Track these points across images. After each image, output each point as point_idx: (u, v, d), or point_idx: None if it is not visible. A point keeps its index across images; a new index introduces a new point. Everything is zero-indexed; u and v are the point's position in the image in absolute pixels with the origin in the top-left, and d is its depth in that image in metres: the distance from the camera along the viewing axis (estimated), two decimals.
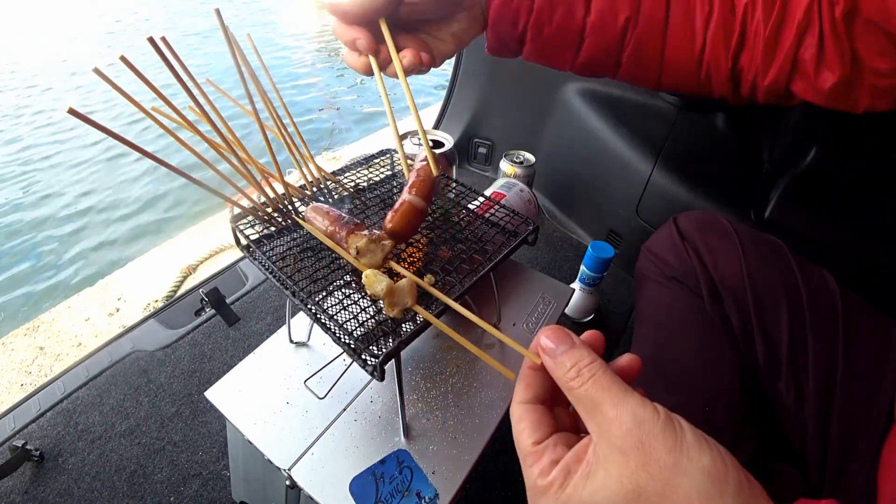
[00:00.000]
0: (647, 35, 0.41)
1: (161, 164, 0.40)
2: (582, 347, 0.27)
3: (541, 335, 0.28)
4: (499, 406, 0.54)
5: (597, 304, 1.04)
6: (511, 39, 0.43)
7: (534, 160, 1.15)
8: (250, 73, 0.45)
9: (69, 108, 0.30)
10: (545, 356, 0.27)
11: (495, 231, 0.56)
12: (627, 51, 0.42)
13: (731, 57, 0.40)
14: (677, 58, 0.41)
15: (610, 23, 0.40)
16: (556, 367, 0.27)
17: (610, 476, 0.23)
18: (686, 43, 0.40)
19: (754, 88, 0.41)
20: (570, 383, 0.26)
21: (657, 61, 0.42)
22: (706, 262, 0.59)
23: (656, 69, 0.43)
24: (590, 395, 0.25)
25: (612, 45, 0.41)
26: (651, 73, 0.43)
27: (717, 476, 0.22)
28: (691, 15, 0.40)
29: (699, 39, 0.40)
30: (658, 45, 0.41)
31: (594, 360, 0.26)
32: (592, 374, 0.25)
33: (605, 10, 0.40)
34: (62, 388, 0.88)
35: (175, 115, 0.42)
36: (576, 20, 0.40)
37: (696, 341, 0.59)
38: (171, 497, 0.73)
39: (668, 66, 0.42)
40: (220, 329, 1.00)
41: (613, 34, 0.41)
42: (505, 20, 0.41)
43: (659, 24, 0.40)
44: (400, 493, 0.45)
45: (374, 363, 0.39)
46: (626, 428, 0.23)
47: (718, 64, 0.40)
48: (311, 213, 0.48)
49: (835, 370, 0.50)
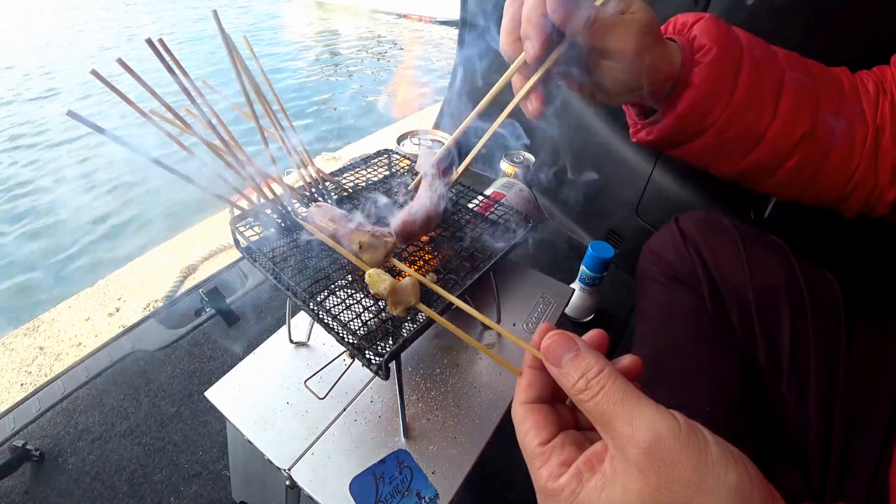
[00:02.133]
0: (816, 149, 0.40)
1: (162, 166, 0.40)
2: (588, 354, 0.25)
3: (543, 338, 0.27)
4: (499, 406, 0.54)
5: (597, 304, 1.04)
6: (692, 129, 0.40)
7: (534, 160, 1.15)
8: (247, 76, 0.45)
9: (68, 110, 0.30)
10: (549, 365, 0.26)
11: (495, 230, 0.56)
12: (791, 162, 0.41)
13: (875, 174, 0.41)
14: (833, 173, 0.41)
15: (790, 132, 0.39)
16: (563, 377, 0.25)
17: (629, 492, 0.22)
18: (845, 161, 0.41)
19: (876, 203, 0.42)
20: (579, 396, 0.24)
21: (812, 175, 0.41)
22: (707, 262, 0.58)
23: (807, 182, 0.42)
24: (601, 409, 0.23)
25: (781, 154, 0.41)
26: (801, 185, 0.43)
27: (743, 494, 0.21)
28: (853, 132, 0.40)
29: (857, 158, 0.40)
30: (821, 159, 0.41)
31: (602, 368, 0.24)
32: (602, 386, 0.24)
33: (789, 121, 0.39)
34: (62, 388, 0.88)
35: (174, 118, 0.42)
36: (761, 124, 0.39)
37: (697, 341, 0.59)
38: (171, 497, 0.73)
39: (820, 179, 0.42)
40: (220, 329, 1.00)
41: (786, 146, 0.40)
42: (701, 108, 0.38)
43: (828, 139, 0.40)
44: (400, 493, 0.45)
45: (378, 362, 0.39)
46: (644, 446, 0.22)
47: (867, 181, 0.41)
48: (311, 213, 0.48)
49: (837, 370, 0.50)
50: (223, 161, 0.45)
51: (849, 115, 0.40)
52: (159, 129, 0.40)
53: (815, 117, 0.39)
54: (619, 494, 0.22)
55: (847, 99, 0.41)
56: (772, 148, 0.40)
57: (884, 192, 0.41)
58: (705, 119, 0.39)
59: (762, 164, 0.42)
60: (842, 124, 0.40)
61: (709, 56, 0.37)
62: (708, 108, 0.38)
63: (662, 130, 0.41)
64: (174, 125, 0.42)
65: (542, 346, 0.27)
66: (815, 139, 0.40)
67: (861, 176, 0.41)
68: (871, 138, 0.40)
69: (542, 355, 0.27)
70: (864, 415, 0.48)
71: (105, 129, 0.33)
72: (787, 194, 0.44)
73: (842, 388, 0.49)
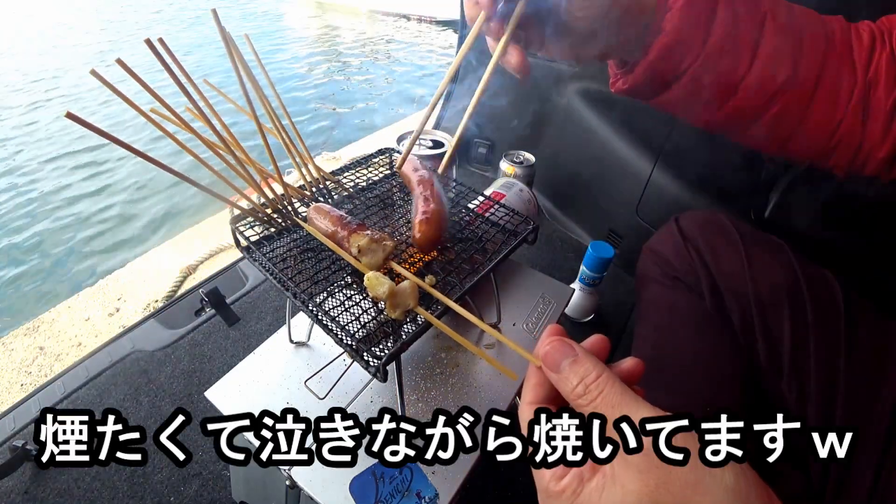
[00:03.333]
0: (797, 99, 0.38)
1: (163, 168, 0.40)
2: (586, 359, 0.26)
3: (542, 345, 0.27)
4: (499, 405, 0.54)
5: (597, 304, 1.04)
6: (665, 78, 0.38)
7: (534, 160, 1.15)
8: (248, 74, 0.45)
9: (67, 112, 0.30)
10: (548, 371, 0.27)
11: (495, 231, 0.56)
12: (770, 112, 0.39)
13: (862, 130, 0.38)
14: (815, 127, 0.39)
15: (768, 81, 0.38)
16: (562, 383, 0.26)
17: (628, 493, 0.22)
18: (828, 114, 0.39)
19: (867, 161, 0.40)
20: (578, 401, 0.25)
21: (794, 128, 0.40)
22: (708, 261, 0.58)
23: (788, 135, 0.40)
24: (599, 412, 0.24)
25: (759, 104, 0.39)
26: (781, 138, 0.41)
27: (740, 494, 0.21)
28: (838, 84, 0.38)
29: (840, 112, 0.38)
30: (802, 111, 0.39)
31: (600, 373, 0.25)
32: (600, 391, 0.24)
33: (767, 67, 0.37)
34: (62, 388, 0.88)
35: (172, 117, 0.42)
36: (737, 72, 0.37)
37: (697, 341, 0.58)
38: (171, 497, 0.73)
39: (803, 132, 0.40)
40: (220, 329, 1.00)
41: (766, 93, 0.38)
42: (670, 58, 0.37)
43: (809, 90, 0.38)
44: (400, 493, 0.45)
45: (376, 364, 0.39)
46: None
47: (852, 137, 0.39)
48: (311, 213, 0.48)
49: (837, 370, 0.50)
50: (223, 160, 0.45)
51: (835, 65, 0.38)
52: (159, 128, 0.40)
53: (796, 66, 0.37)
54: (619, 495, 0.22)
55: (835, 48, 0.38)
56: (749, 97, 0.38)
57: (874, 149, 0.39)
58: (678, 66, 0.37)
59: (741, 113, 0.40)
60: (826, 75, 0.38)
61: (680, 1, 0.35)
62: (680, 55, 0.37)
63: (636, 78, 0.39)
64: (174, 124, 0.42)
65: (542, 353, 0.27)
66: (795, 89, 0.38)
67: (846, 130, 0.39)
68: (860, 91, 0.38)
69: (541, 363, 0.27)
70: (865, 415, 0.48)
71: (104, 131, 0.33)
72: (770, 147, 0.42)
73: (842, 388, 0.49)
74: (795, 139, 0.40)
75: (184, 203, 2.56)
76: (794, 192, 0.92)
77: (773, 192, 0.94)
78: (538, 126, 1.36)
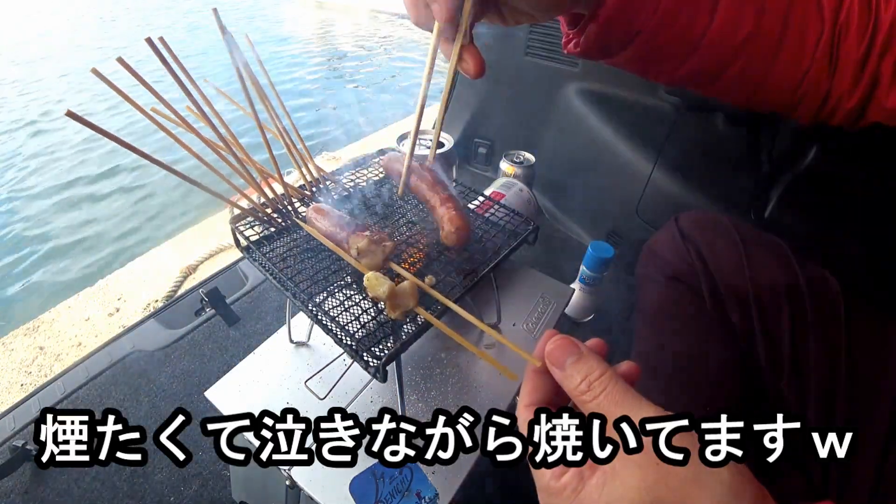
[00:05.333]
0: (761, 53, 0.36)
1: (163, 167, 0.40)
2: (590, 358, 0.26)
3: (546, 344, 0.28)
4: (498, 405, 0.54)
5: (597, 304, 1.04)
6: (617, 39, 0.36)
7: (534, 160, 1.15)
8: (248, 74, 0.45)
9: (67, 111, 0.30)
10: (553, 368, 0.27)
11: (495, 231, 0.56)
12: (734, 67, 0.37)
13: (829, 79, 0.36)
14: (781, 78, 0.37)
15: (729, 36, 0.35)
16: (566, 380, 0.26)
17: (628, 488, 0.23)
18: (794, 64, 0.36)
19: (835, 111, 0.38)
20: (582, 397, 0.25)
21: (759, 81, 0.38)
22: (707, 261, 0.58)
23: (754, 88, 0.38)
24: (602, 410, 0.25)
25: (722, 60, 0.37)
26: (747, 91, 0.39)
27: (736, 489, 0.21)
28: (804, 32, 0.36)
29: (807, 62, 0.36)
30: (767, 64, 0.37)
31: (604, 371, 0.25)
32: (604, 388, 0.25)
33: (728, 22, 0.35)
34: (62, 388, 0.88)
35: (173, 116, 0.42)
36: (696, 29, 0.35)
37: (696, 341, 0.58)
38: (171, 497, 0.73)
39: (768, 85, 0.38)
40: (220, 329, 1.00)
41: (728, 49, 0.36)
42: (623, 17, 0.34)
43: (774, 41, 0.36)
44: (400, 493, 0.45)
45: (376, 364, 0.39)
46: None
47: (818, 87, 0.37)
48: (311, 213, 0.48)
49: (837, 370, 0.50)
50: (223, 160, 0.45)
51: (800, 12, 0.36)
52: (160, 127, 0.40)
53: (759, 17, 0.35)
54: (619, 490, 0.23)
55: None
56: (710, 53, 0.36)
57: (843, 99, 0.37)
58: (632, 26, 0.35)
59: (702, 71, 0.38)
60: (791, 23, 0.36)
61: None
62: (632, 14, 0.34)
63: (588, 40, 0.37)
64: (175, 123, 0.42)
65: (546, 351, 0.27)
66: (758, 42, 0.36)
67: (812, 79, 0.36)
68: (827, 38, 0.35)
69: (546, 359, 0.28)
70: (865, 414, 0.48)
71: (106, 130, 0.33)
72: (734, 100, 0.41)
73: (842, 388, 0.49)
74: (760, 91, 0.39)
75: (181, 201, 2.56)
76: (794, 192, 0.92)
77: (773, 192, 0.94)
78: (538, 126, 1.36)
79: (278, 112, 0.50)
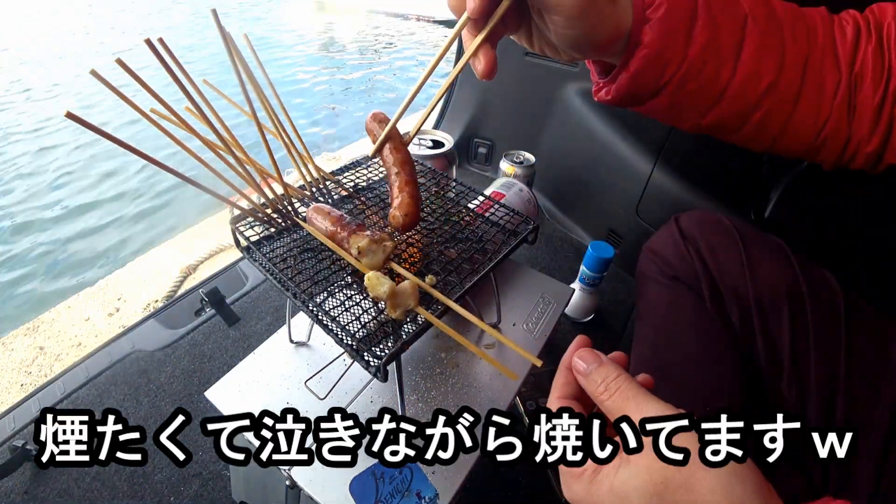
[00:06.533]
0: (782, 102, 0.38)
1: (163, 168, 0.40)
2: (608, 364, 0.30)
3: (574, 356, 0.32)
4: (499, 405, 0.54)
5: (597, 304, 1.04)
6: (648, 89, 0.38)
7: (534, 160, 1.15)
8: (248, 74, 0.45)
9: (66, 111, 0.30)
10: (579, 375, 0.31)
11: (495, 230, 0.56)
12: (756, 116, 0.39)
13: (848, 126, 0.38)
14: (801, 125, 0.39)
15: (752, 87, 0.37)
16: (588, 384, 0.30)
17: (639, 468, 0.26)
18: (814, 112, 0.38)
19: (855, 155, 0.40)
20: (600, 396, 0.29)
21: (781, 128, 0.39)
22: (707, 261, 0.58)
23: (776, 135, 0.40)
24: (616, 404, 0.28)
25: (745, 109, 0.39)
26: (769, 138, 0.41)
27: (739, 472, 0.24)
28: (823, 82, 0.38)
29: (826, 110, 0.38)
30: (788, 112, 0.39)
31: (619, 374, 0.29)
32: (618, 387, 0.28)
33: (751, 73, 0.37)
34: (62, 388, 0.88)
35: (172, 117, 0.42)
36: (721, 79, 0.37)
37: (696, 341, 0.58)
38: (171, 497, 0.73)
39: (789, 132, 0.40)
40: (220, 329, 1.00)
41: (751, 99, 0.38)
42: (654, 67, 0.36)
43: (794, 91, 0.38)
44: (400, 493, 0.45)
45: (376, 364, 0.39)
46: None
47: (839, 133, 0.39)
48: (311, 213, 0.48)
49: (837, 370, 0.50)
50: (223, 160, 0.45)
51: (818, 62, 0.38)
52: (159, 128, 0.40)
53: (780, 68, 0.37)
54: (632, 470, 0.26)
55: (818, 44, 0.38)
56: (734, 103, 0.38)
57: (862, 143, 0.39)
58: (660, 77, 0.37)
59: (726, 119, 0.40)
60: (810, 74, 0.37)
61: (659, 12, 0.35)
62: (661, 66, 0.36)
63: (619, 90, 0.39)
64: (174, 124, 0.42)
65: (573, 360, 0.32)
66: (780, 92, 0.38)
67: (832, 127, 0.38)
68: (845, 87, 0.38)
69: (572, 367, 0.32)
70: (865, 415, 0.48)
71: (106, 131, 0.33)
72: (757, 147, 0.42)
73: (842, 388, 0.49)
74: (782, 139, 0.40)
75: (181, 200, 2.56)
76: (794, 192, 0.92)
77: (773, 192, 0.94)
78: (538, 126, 1.36)
79: (278, 112, 0.50)
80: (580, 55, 0.38)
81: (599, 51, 0.37)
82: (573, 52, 0.37)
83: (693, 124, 0.41)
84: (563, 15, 0.33)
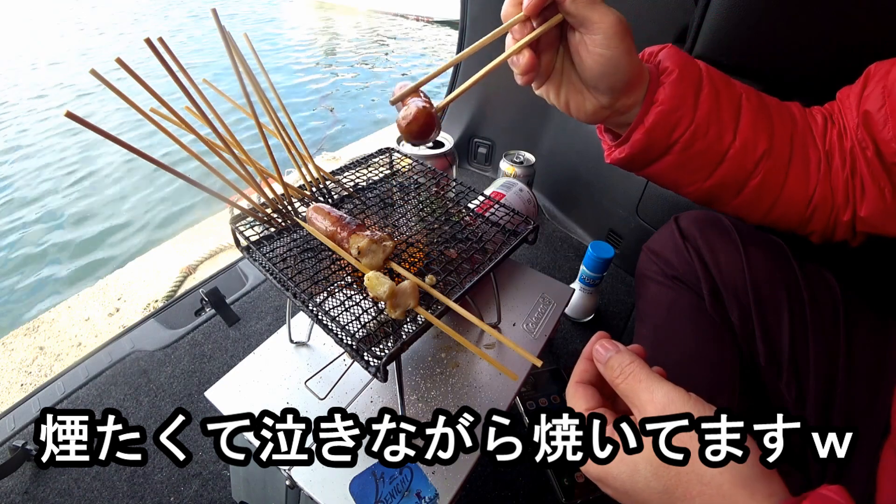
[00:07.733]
0: (775, 169, 0.43)
1: (163, 167, 0.40)
2: (625, 352, 0.32)
3: (595, 345, 0.34)
4: (498, 406, 0.54)
5: (597, 304, 1.04)
6: (660, 145, 0.42)
7: (534, 160, 1.15)
8: (248, 74, 0.45)
9: (66, 111, 0.30)
10: (598, 364, 0.33)
11: (495, 230, 0.56)
12: (754, 181, 0.43)
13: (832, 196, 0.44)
14: (794, 194, 0.44)
15: (750, 151, 0.42)
16: (606, 370, 0.32)
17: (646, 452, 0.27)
18: (803, 181, 0.44)
19: (836, 226, 0.45)
20: (616, 380, 0.31)
21: (776, 195, 0.44)
22: (707, 261, 0.58)
23: (771, 203, 0.45)
24: (630, 386, 0.30)
25: (743, 172, 0.43)
26: (765, 205, 0.45)
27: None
28: (807, 154, 0.44)
29: (813, 179, 0.44)
30: (781, 179, 0.43)
31: (633, 360, 0.31)
32: (631, 372, 0.31)
33: (749, 139, 0.42)
34: (62, 388, 0.88)
35: (172, 117, 0.42)
36: (723, 142, 0.42)
37: (696, 341, 0.59)
38: (171, 497, 0.73)
39: (783, 200, 0.44)
40: (220, 329, 1.00)
41: (749, 163, 0.43)
42: (667, 123, 0.41)
43: (785, 160, 0.43)
44: (400, 493, 0.45)
45: (376, 364, 0.39)
46: (659, 406, 0.28)
47: (825, 202, 0.44)
48: (311, 213, 0.48)
49: (836, 370, 0.50)
50: (223, 160, 0.45)
51: (801, 139, 0.44)
52: (159, 128, 0.40)
53: (772, 139, 0.42)
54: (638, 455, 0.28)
55: (798, 125, 0.44)
56: (735, 165, 0.43)
57: (839, 212, 0.44)
58: (672, 134, 0.42)
59: (727, 182, 0.44)
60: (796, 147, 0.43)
61: (672, 76, 0.40)
62: (673, 123, 0.41)
63: (634, 146, 0.43)
64: (174, 123, 0.42)
65: (594, 349, 0.34)
66: (773, 159, 0.43)
67: (820, 197, 0.44)
68: (825, 161, 0.44)
69: (593, 357, 0.34)
70: (864, 415, 0.48)
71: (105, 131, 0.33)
72: (753, 215, 0.47)
73: (841, 388, 0.49)
74: (776, 207, 0.45)
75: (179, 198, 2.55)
76: None
77: None
78: (538, 126, 1.36)
79: (277, 112, 0.50)
80: (605, 96, 0.40)
81: (624, 89, 0.40)
82: (600, 88, 0.40)
83: (698, 187, 0.45)
84: (602, 33, 0.36)
